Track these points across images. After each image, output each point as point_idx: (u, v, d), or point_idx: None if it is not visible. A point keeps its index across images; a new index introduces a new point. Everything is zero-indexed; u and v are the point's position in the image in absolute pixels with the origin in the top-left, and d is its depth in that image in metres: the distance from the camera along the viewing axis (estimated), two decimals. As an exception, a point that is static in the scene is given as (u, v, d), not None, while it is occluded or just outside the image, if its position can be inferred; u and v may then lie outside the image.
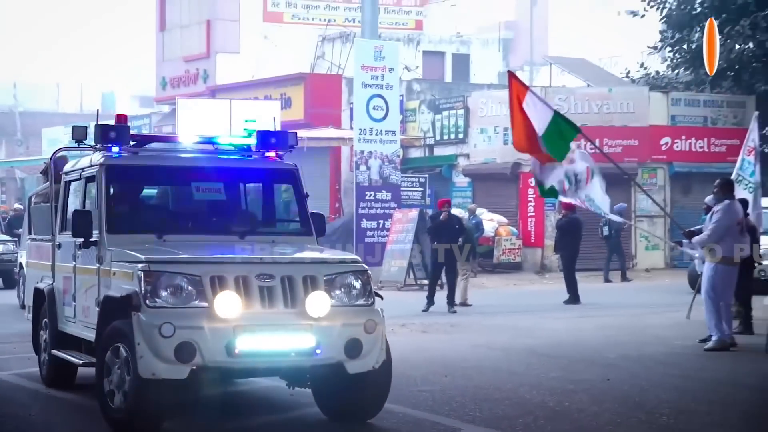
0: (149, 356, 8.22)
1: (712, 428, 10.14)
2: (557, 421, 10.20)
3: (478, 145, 37.40)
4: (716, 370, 13.98)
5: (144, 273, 8.55)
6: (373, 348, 9.01)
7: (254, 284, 8.67)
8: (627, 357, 14.83)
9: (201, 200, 11.08)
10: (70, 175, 11.50)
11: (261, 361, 8.85)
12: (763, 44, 38.08)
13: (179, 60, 52.01)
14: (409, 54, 46.16)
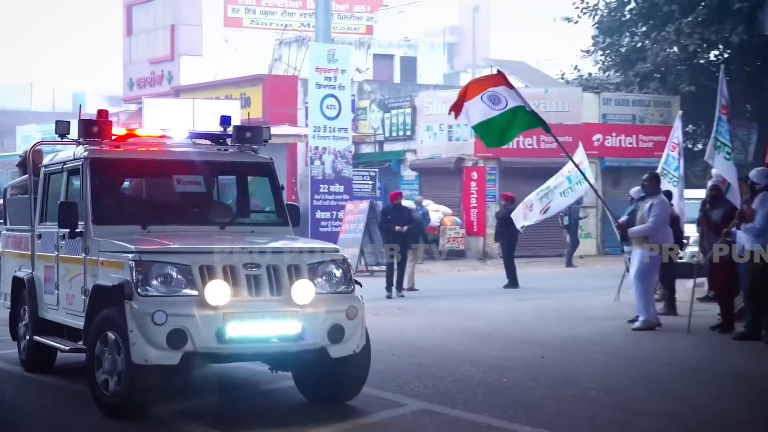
0: (142, 343, 8.10)
1: (637, 402, 10.19)
2: (495, 395, 10.27)
3: (425, 141, 37.54)
4: (642, 348, 14.11)
5: (135, 263, 8.42)
6: (354, 333, 8.95)
7: (241, 273, 8.56)
8: (560, 337, 14.94)
9: (182, 192, 10.94)
10: (50, 168, 11.27)
11: (249, 346, 8.72)
12: (686, 48, 38.35)
13: (145, 62, 51.85)
14: (360, 57, 46.16)
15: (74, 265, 9.87)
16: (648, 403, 10.23)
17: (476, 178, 35.11)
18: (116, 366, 8.49)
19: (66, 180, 10.46)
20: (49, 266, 10.74)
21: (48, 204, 11.06)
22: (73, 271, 9.92)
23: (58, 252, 10.37)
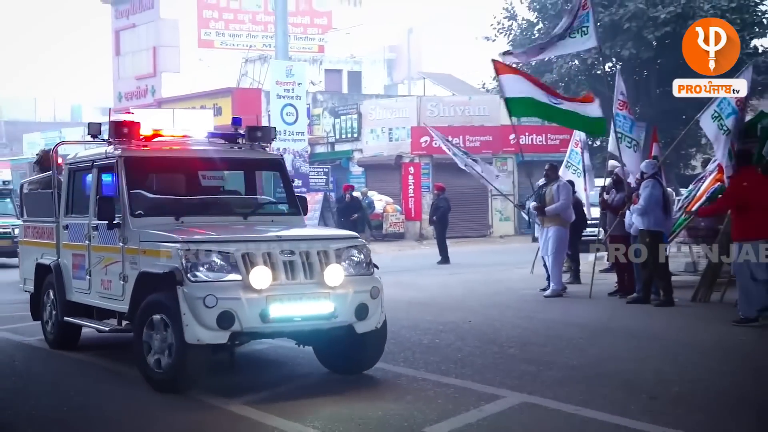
0: (194, 324, 7.84)
1: (547, 357, 10.32)
2: (430, 354, 10.36)
3: (369, 142, 37.63)
4: (552, 311, 14.25)
5: (184, 251, 8.10)
6: (376, 311, 8.74)
7: (279, 259, 8.27)
8: (484, 304, 15.02)
9: (207, 186, 10.64)
10: (76, 165, 10.80)
11: (289, 325, 8.45)
12: (585, 61, 38.60)
13: (132, 78, 51.55)
14: (313, 72, 46.09)
15: (110, 253, 9.48)
16: (556, 357, 10.34)
17: (413, 172, 35.28)
18: (165, 345, 8.22)
19: (96, 176, 10.00)
20: (78, 254, 10.27)
21: (74, 198, 10.65)
22: (108, 259, 9.52)
23: (90, 242, 9.93)
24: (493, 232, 35.85)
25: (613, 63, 39.10)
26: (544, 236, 16.31)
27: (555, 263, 15.93)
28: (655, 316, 13.53)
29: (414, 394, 8.56)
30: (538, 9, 40.91)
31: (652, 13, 36.80)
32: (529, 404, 8.10)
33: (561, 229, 15.98)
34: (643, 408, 7.80)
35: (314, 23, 52.72)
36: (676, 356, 10.57)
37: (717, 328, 12.31)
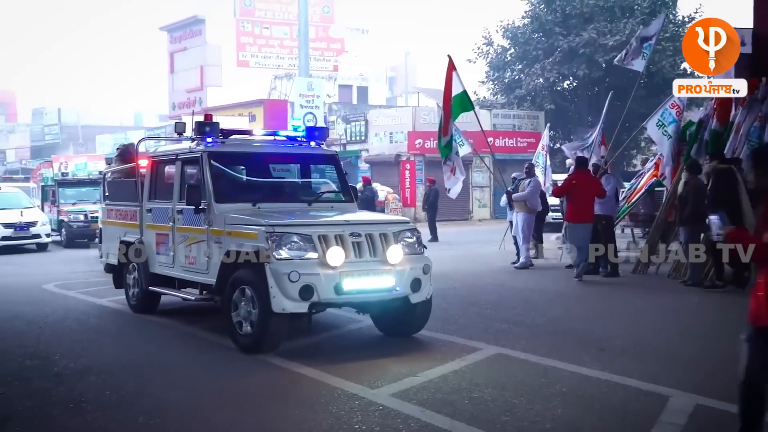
0: (280, 296, 7.65)
1: (517, 317, 10.36)
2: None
3: (374, 143, 37.57)
4: (520, 281, 14.25)
5: (269, 233, 7.87)
6: (426, 284, 8.48)
7: (348, 240, 8.02)
8: (466, 274, 15.02)
9: (277, 176, 10.33)
10: (160, 158, 10.59)
11: (358, 297, 8.16)
12: (548, 80, 38.68)
13: (183, 91, 51.56)
14: (329, 87, 46.05)
15: (194, 233, 9.23)
16: (524, 317, 10.37)
17: (409, 168, 35.20)
18: (250, 313, 7.98)
19: (180, 167, 9.79)
20: (161, 234, 10.04)
21: (157, 186, 10.41)
22: (193, 238, 9.27)
23: (174, 223, 9.68)
24: (473, 216, 35.86)
25: (570, 81, 39.13)
26: (515, 220, 16.37)
27: (524, 241, 15.96)
28: (603, 285, 13.57)
29: (410, 347, 8.60)
30: (510, 37, 41.00)
31: (602, 41, 36.87)
32: (503, 355, 8.12)
33: (527, 215, 16.07)
34: (594, 358, 7.84)
35: (330, 47, 52.68)
36: (621, 316, 10.65)
37: (652, 294, 12.37)
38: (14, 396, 6.79)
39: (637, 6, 37.05)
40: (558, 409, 6.20)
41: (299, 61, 37.84)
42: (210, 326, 9.61)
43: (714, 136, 14.64)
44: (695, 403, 6.27)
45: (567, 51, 37.99)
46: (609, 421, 5.93)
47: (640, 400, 6.45)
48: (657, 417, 5.93)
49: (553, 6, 39.39)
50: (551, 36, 39.02)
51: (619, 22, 37.10)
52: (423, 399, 6.48)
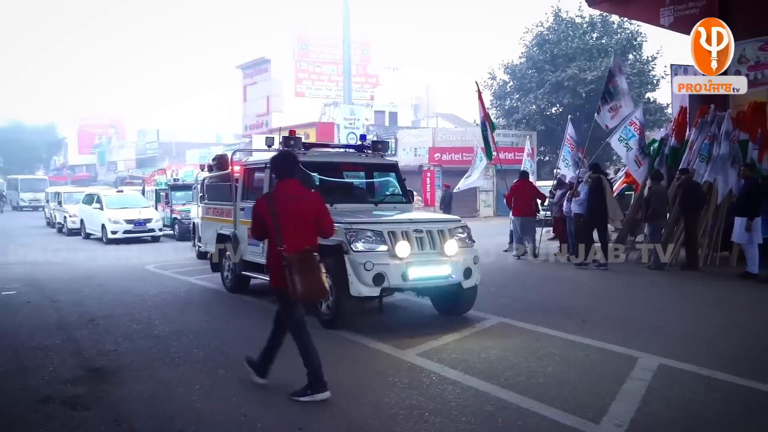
0: (357, 283, 7.38)
1: (515, 294, 10.30)
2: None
3: (402, 157, 37.22)
4: (517, 266, 14.13)
5: (347, 230, 7.53)
6: (476, 272, 8.16)
7: (413, 236, 7.70)
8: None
9: (350, 181, 9.92)
10: (251, 166, 10.19)
11: (421, 282, 7.78)
12: (539, 106, 38.40)
13: (253, 116, 51.81)
14: (367, 112, 45.99)
15: None
16: (521, 294, 10.33)
17: (429, 176, 35.04)
18: (330, 296, 7.60)
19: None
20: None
21: (249, 188, 10.02)
22: None
23: None
24: (480, 214, 35.55)
25: (557, 107, 38.75)
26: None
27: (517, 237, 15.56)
28: (584, 270, 13.40)
29: (434, 318, 8.58)
30: (509, 73, 40.78)
31: (582, 76, 36.59)
32: (505, 323, 8.10)
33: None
34: (578, 327, 7.77)
35: (368, 81, 52.85)
36: (599, 295, 10.53)
37: (623, 277, 12.22)
38: (123, 352, 6.88)
39: (610, 48, 36.58)
40: (549, 367, 6.15)
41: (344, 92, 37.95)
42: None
43: (672, 151, 14.51)
44: (659, 362, 6.20)
45: (555, 84, 37.75)
46: (590, 377, 5.87)
47: (615, 360, 6.38)
48: (628, 373, 5.87)
49: (544, 48, 39.30)
50: (542, 72, 38.80)
51: (596, 61, 36.73)
52: (442, 358, 6.46)
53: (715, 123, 13.55)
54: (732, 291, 10.48)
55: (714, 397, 5.31)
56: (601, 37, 39.15)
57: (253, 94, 53.47)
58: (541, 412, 4.94)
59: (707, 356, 6.40)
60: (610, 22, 38.94)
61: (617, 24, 38.95)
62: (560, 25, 39.65)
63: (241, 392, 5.56)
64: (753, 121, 13.38)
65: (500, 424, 4.77)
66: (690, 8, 19.64)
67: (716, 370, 5.93)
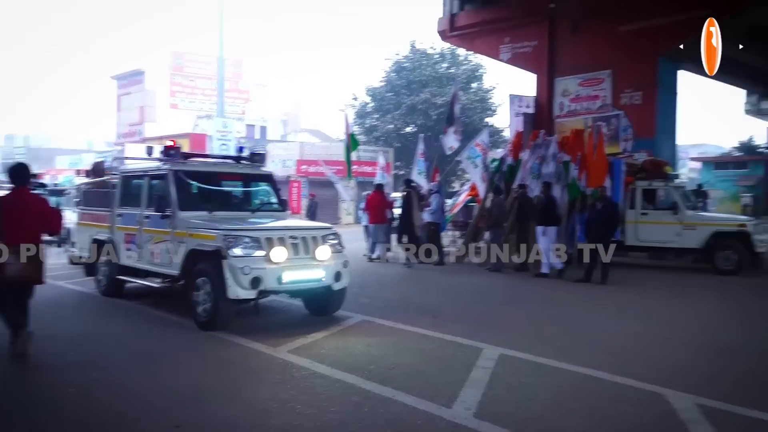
0: (234, 285, 7.16)
1: (376, 293, 10.28)
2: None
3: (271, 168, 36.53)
4: (377, 268, 14.15)
5: (226, 237, 7.32)
6: (346, 275, 8.12)
7: (288, 242, 7.53)
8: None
9: (227, 190, 9.43)
10: (129, 174, 9.70)
11: (295, 285, 7.66)
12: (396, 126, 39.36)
13: (126, 125, 49.45)
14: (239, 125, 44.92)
15: (159, 234, 8.48)
16: (381, 294, 10.36)
17: (297, 186, 34.76)
18: (208, 298, 7.43)
19: (148, 182, 9.05)
20: (129, 234, 9.22)
21: (126, 195, 9.54)
22: (158, 238, 8.49)
23: (141, 225, 8.88)
24: (341, 221, 35.75)
25: (411, 128, 39.85)
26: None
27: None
28: (434, 271, 13.80)
29: (304, 318, 8.51)
30: (370, 95, 41.51)
31: (433, 100, 37.86)
32: (367, 321, 8.17)
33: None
34: (431, 323, 7.97)
35: (240, 96, 51.95)
36: (447, 293, 10.84)
37: (467, 277, 12.67)
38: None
39: (457, 77, 38.21)
40: (407, 359, 6.29)
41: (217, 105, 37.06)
42: (163, 307, 9.10)
43: (510, 169, 15.31)
44: (500, 352, 6.51)
45: (410, 106, 38.85)
46: (442, 366, 6.07)
47: (463, 351, 6.63)
48: (475, 363, 6.11)
49: (401, 74, 40.37)
50: (399, 95, 39.81)
51: (446, 88, 38.20)
52: (312, 354, 6.43)
53: (544, 146, 14.45)
54: (560, 289, 11.19)
55: (547, 380, 5.66)
56: (450, 67, 40.83)
57: (127, 103, 50.98)
58: (401, 400, 5.05)
59: (540, 346, 6.81)
60: (458, 55, 40.70)
61: (464, 57, 40.77)
62: (416, 54, 40.93)
63: (118, 393, 5.24)
64: (574, 145, 14.41)
65: (366, 412, 4.82)
66: (525, 47, 20.95)
67: (548, 357, 6.32)
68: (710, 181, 34.54)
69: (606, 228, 11.58)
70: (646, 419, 4.75)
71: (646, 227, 13.95)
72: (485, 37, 22.08)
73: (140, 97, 49.42)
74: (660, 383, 5.48)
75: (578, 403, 5.08)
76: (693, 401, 5.04)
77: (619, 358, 6.42)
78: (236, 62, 52.20)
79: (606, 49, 18.84)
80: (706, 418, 4.70)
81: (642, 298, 10.42)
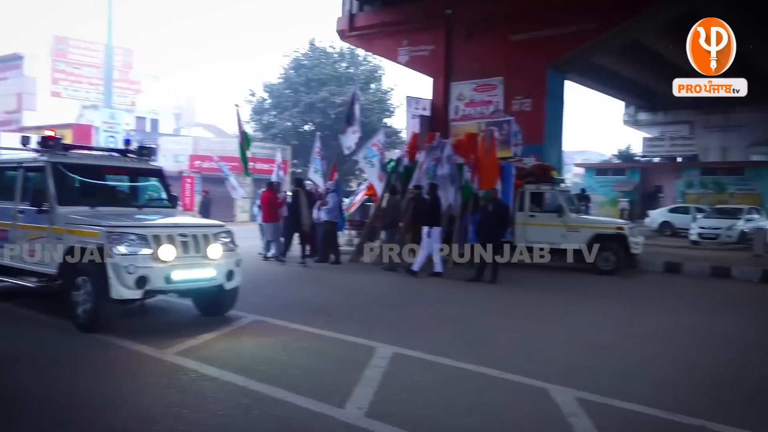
0: (118, 285, 6.79)
1: (271, 293, 10.10)
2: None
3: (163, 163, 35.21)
4: (271, 267, 13.94)
5: (109, 233, 6.94)
6: (238, 274, 7.86)
7: (177, 239, 7.21)
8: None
9: (112, 185, 8.85)
10: (2, 165, 8.92)
11: (185, 285, 7.38)
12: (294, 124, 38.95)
13: (2, 113, 45.86)
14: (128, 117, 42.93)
15: (35, 230, 7.88)
16: (275, 294, 10.22)
17: (190, 182, 33.61)
18: (88, 298, 7.03)
19: (23, 174, 8.34)
20: (2, 229, 8.46)
21: None
22: (34, 234, 7.91)
23: (15, 221, 8.25)
24: (237, 218, 34.88)
25: (309, 126, 39.61)
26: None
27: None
28: (330, 270, 13.76)
29: (194, 319, 8.20)
30: (268, 91, 40.92)
31: (332, 99, 37.85)
32: (260, 321, 8.00)
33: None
34: (325, 322, 7.91)
35: (130, 87, 49.57)
36: (342, 291, 10.82)
37: (363, 276, 12.70)
38: None
39: (356, 77, 38.37)
40: (300, 360, 6.21)
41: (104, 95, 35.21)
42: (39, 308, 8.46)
43: (406, 170, 15.52)
44: (393, 351, 6.55)
45: (308, 104, 38.60)
46: (335, 366, 6.03)
47: (357, 350, 6.62)
48: (368, 362, 6.11)
49: (300, 71, 40.06)
50: (298, 93, 39.48)
51: (344, 87, 38.25)
52: (201, 356, 6.20)
53: (439, 148, 14.75)
54: (453, 289, 11.45)
55: (438, 378, 5.75)
56: (349, 67, 40.95)
57: (4, 90, 47.31)
58: (293, 401, 4.95)
59: (432, 344, 6.91)
60: (357, 55, 40.89)
61: (363, 57, 41.01)
62: (315, 52, 40.74)
63: (-18, 402, 4.82)
64: (468, 148, 14.81)
65: (256, 414, 4.70)
66: (422, 51, 21.33)
67: (440, 356, 6.43)
68: (592, 186, 36.68)
69: (497, 229, 11.97)
70: (531, 414, 4.93)
71: (534, 229, 14.58)
72: (384, 39, 22.28)
73: (18, 84, 46.01)
74: (544, 379, 5.70)
75: (468, 399, 5.18)
76: (573, 395, 5.28)
77: (507, 355, 6.64)
78: (126, 51, 49.80)
79: (499, 56, 19.52)
80: (584, 411, 4.93)
81: (529, 297, 10.86)
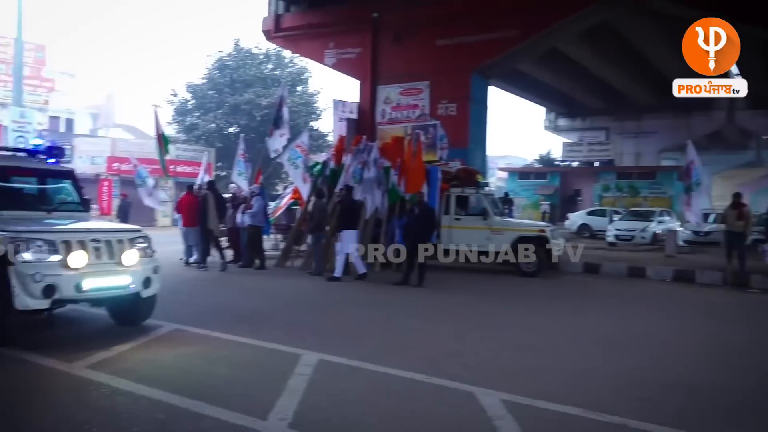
0: (23, 295, 6.34)
1: (189, 299, 9.81)
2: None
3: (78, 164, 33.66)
4: (197, 273, 13.58)
5: (12, 239, 6.43)
6: (156, 281, 7.47)
7: (90, 245, 6.80)
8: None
9: (19, 187, 8.28)
10: None
11: (97, 293, 6.93)
12: (218, 126, 38.05)
13: None
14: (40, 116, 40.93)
15: None
16: (194, 300, 9.90)
17: (107, 185, 32.28)
18: None
19: None
20: None
21: None
22: None
23: None
24: (158, 223, 33.75)
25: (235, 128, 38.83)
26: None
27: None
28: (254, 275, 13.48)
29: (108, 329, 7.78)
30: (191, 92, 39.94)
31: (258, 101, 37.33)
32: (179, 330, 7.68)
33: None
34: (247, 329, 7.67)
35: (42, 85, 47.20)
36: (266, 297, 10.60)
37: (288, 281, 12.51)
38: None
39: (282, 79, 37.87)
40: (221, 370, 5.97)
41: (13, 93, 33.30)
42: None
43: (333, 173, 15.40)
44: (318, 358, 6.41)
45: (233, 106, 37.85)
46: (258, 375, 5.84)
47: (281, 358, 6.44)
48: (293, 370, 5.94)
49: (225, 72, 39.27)
50: (222, 94, 38.67)
51: (270, 89, 37.76)
52: (114, 369, 5.86)
53: (365, 151, 14.71)
54: (379, 292, 11.41)
55: (365, 384, 5.65)
56: (276, 69, 40.43)
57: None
58: (213, 415, 4.74)
59: (358, 350, 6.80)
60: (283, 57, 40.43)
61: (289, 59, 40.59)
62: (240, 53, 40.00)
63: None
64: (394, 152, 14.84)
65: (171, 430, 4.46)
66: (349, 53, 21.27)
67: (366, 361, 6.33)
68: (515, 190, 37.65)
69: (423, 232, 12.01)
70: (458, 419, 4.90)
71: (460, 232, 14.74)
72: (310, 41, 22.10)
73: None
74: (471, 382, 5.70)
75: (395, 405, 5.11)
76: (498, 398, 5.29)
77: (434, 359, 6.61)
78: (39, 47, 47.46)
79: (425, 60, 19.71)
80: (509, 412, 4.95)
81: (455, 300, 10.94)
